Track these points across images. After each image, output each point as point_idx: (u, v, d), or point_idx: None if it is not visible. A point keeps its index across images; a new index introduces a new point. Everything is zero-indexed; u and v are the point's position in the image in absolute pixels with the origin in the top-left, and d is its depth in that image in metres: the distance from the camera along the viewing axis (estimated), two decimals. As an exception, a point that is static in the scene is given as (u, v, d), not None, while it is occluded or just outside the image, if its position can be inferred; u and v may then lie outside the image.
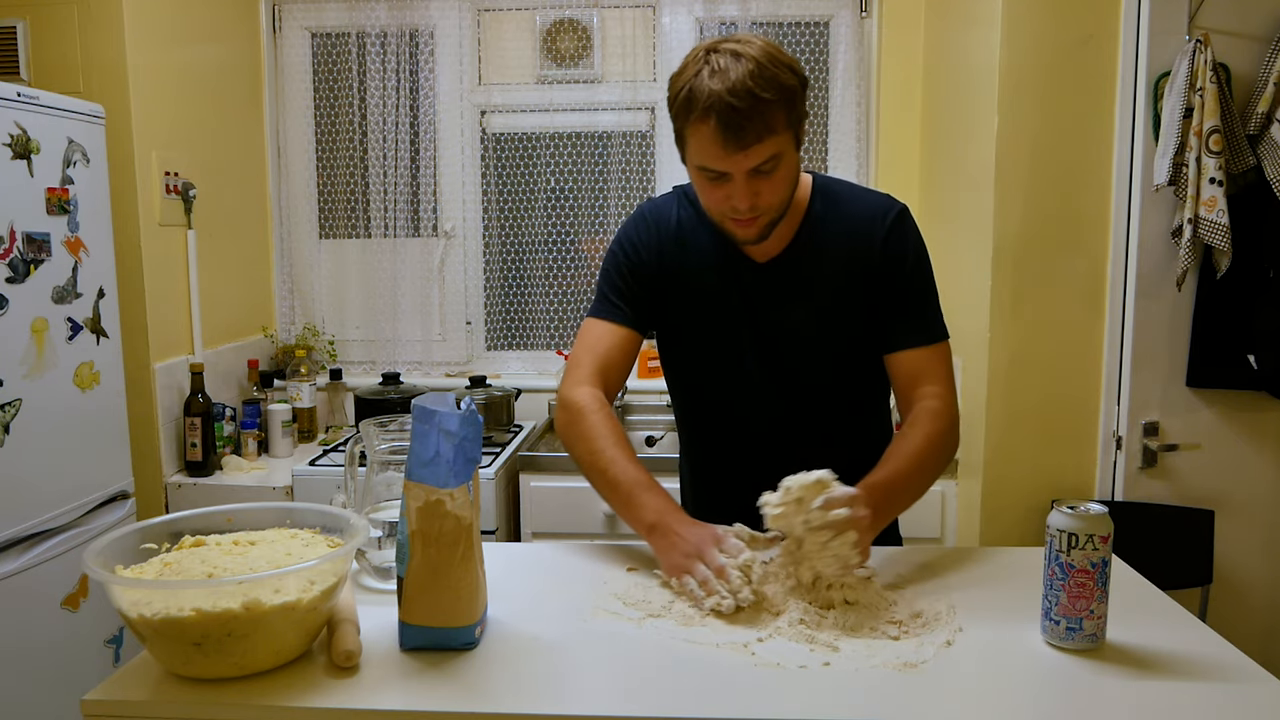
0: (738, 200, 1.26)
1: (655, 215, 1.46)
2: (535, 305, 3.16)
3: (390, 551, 1.21)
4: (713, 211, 1.33)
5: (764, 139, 1.22)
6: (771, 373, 1.43)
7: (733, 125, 1.20)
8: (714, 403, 1.49)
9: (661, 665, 1.02)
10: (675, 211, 1.46)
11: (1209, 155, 2.03)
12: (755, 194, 1.26)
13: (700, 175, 1.29)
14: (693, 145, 1.27)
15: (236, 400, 2.84)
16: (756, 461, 1.40)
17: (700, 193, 1.34)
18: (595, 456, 1.33)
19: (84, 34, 2.38)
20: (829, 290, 1.39)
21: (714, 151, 1.23)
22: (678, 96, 1.25)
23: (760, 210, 1.28)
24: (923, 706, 0.94)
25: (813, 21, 2.99)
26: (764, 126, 1.21)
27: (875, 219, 1.39)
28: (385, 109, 3.02)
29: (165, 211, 2.53)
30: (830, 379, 1.44)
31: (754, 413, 1.45)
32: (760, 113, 1.20)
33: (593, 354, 1.43)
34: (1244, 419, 2.23)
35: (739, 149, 1.22)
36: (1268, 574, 2.29)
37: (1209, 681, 0.99)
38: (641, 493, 1.28)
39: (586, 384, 1.40)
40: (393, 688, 0.97)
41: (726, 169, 1.25)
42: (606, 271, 1.47)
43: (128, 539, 1.07)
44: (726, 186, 1.27)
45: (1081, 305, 2.27)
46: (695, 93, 1.22)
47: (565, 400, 1.41)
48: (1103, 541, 1.03)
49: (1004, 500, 2.34)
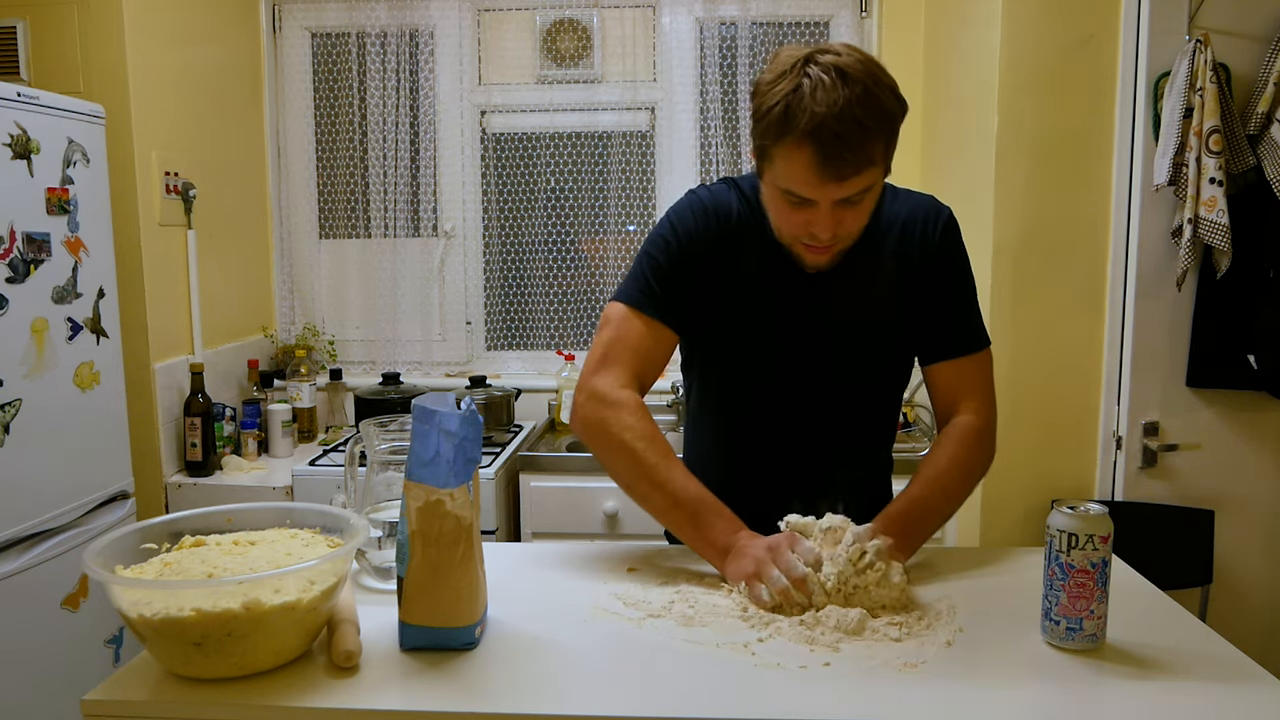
0: (819, 229, 1.20)
1: (716, 208, 1.34)
2: (535, 305, 3.16)
3: (390, 551, 1.21)
4: (785, 234, 1.26)
5: (862, 171, 1.15)
6: (810, 379, 1.37)
7: (833, 155, 1.12)
8: (747, 406, 1.40)
9: (661, 665, 1.02)
10: (734, 206, 1.34)
11: (1209, 155, 2.03)
12: (838, 223, 1.20)
13: (781, 198, 1.21)
14: (780, 166, 1.18)
15: (236, 400, 2.84)
16: (783, 463, 1.40)
17: (775, 213, 1.26)
18: (651, 470, 1.24)
19: (84, 34, 2.38)
20: (877, 299, 1.34)
21: (807, 179, 1.16)
22: (772, 109, 1.15)
23: (840, 239, 1.23)
24: (923, 706, 0.94)
25: (813, 21, 2.99)
26: (864, 158, 1.14)
27: (927, 222, 1.34)
28: (385, 109, 3.02)
29: (165, 211, 2.53)
30: (869, 385, 1.40)
31: (789, 418, 1.38)
32: (863, 144, 1.13)
33: (632, 353, 1.31)
34: (1244, 419, 2.23)
35: (835, 180, 1.14)
36: (1268, 574, 2.29)
37: (1209, 681, 0.99)
38: (712, 515, 1.23)
39: (627, 386, 1.29)
40: (393, 688, 0.97)
41: (815, 198, 1.18)
42: (655, 259, 1.33)
43: (128, 539, 1.07)
44: (809, 213, 1.20)
45: (1081, 305, 2.27)
46: (793, 111, 1.12)
47: (606, 397, 1.28)
48: (1103, 541, 1.03)
49: (1004, 500, 2.34)
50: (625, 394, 1.29)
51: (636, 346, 1.31)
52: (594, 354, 1.33)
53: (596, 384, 1.30)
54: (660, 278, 1.32)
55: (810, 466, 1.38)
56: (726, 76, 2.98)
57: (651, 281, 1.32)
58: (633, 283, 1.34)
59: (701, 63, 2.99)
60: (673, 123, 3.02)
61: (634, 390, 1.30)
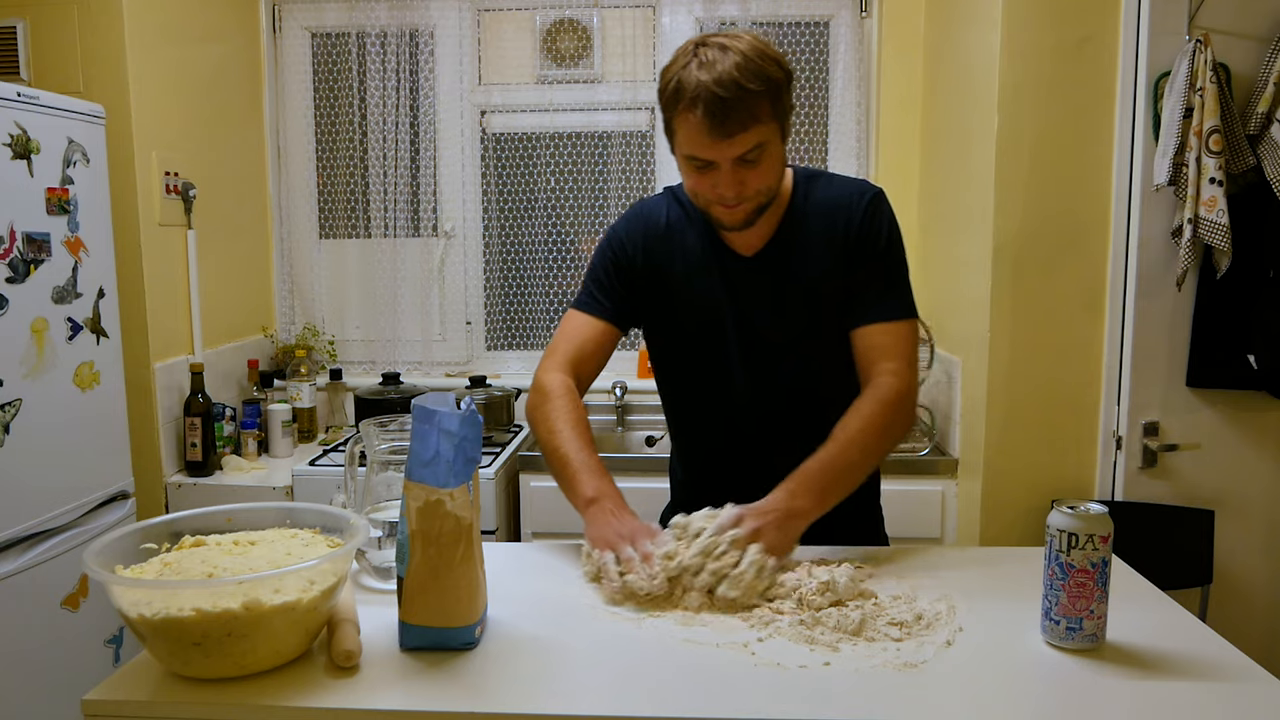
0: (724, 188, 1.30)
1: (645, 214, 1.51)
2: (535, 305, 3.16)
3: (390, 551, 1.21)
4: (699, 199, 1.36)
5: (749, 128, 1.26)
6: (758, 366, 1.45)
7: (718, 115, 1.24)
8: (701, 398, 1.52)
9: (661, 665, 1.02)
10: (665, 211, 1.50)
11: (1209, 155, 2.03)
12: (741, 182, 1.30)
13: (687, 164, 1.33)
14: (680, 134, 1.30)
15: (236, 400, 2.84)
16: (744, 455, 1.48)
17: (687, 181, 1.37)
18: (551, 436, 1.38)
19: (84, 34, 2.38)
20: (813, 279, 1.42)
21: (700, 140, 1.27)
22: (667, 87, 1.29)
23: (745, 197, 1.32)
24: (923, 706, 0.94)
25: (813, 21, 2.99)
26: (749, 115, 1.25)
27: (851, 203, 1.42)
28: (385, 109, 3.02)
29: (165, 211, 2.53)
30: (818, 369, 1.45)
31: (742, 407, 1.47)
32: (745, 103, 1.24)
33: (569, 343, 1.48)
34: (1244, 419, 2.23)
35: (724, 137, 1.25)
36: (1268, 574, 2.29)
37: (1209, 681, 0.99)
38: (587, 474, 1.32)
39: (558, 370, 1.45)
40: (393, 688, 0.97)
41: (712, 157, 1.28)
42: (593, 266, 1.52)
43: (128, 539, 1.07)
44: (713, 175, 1.30)
45: (1081, 305, 2.27)
46: (683, 83, 1.26)
47: (536, 383, 1.46)
48: (1103, 541, 1.03)
49: (1004, 500, 2.34)
50: (552, 376, 1.44)
51: (572, 337, 1.48)
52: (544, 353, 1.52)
53: (535, 376, 1.48)
54: (596, 281, 1.51)
55: (767, 456, 1.41)
56: (726, 76, 2.97)
57: (590, 285, 1.51)
58: (580, 292, 1.54)
59: (701, 63, 2.98)
60: (673, 123, 3.02)
61: (566, 374, 1.45)
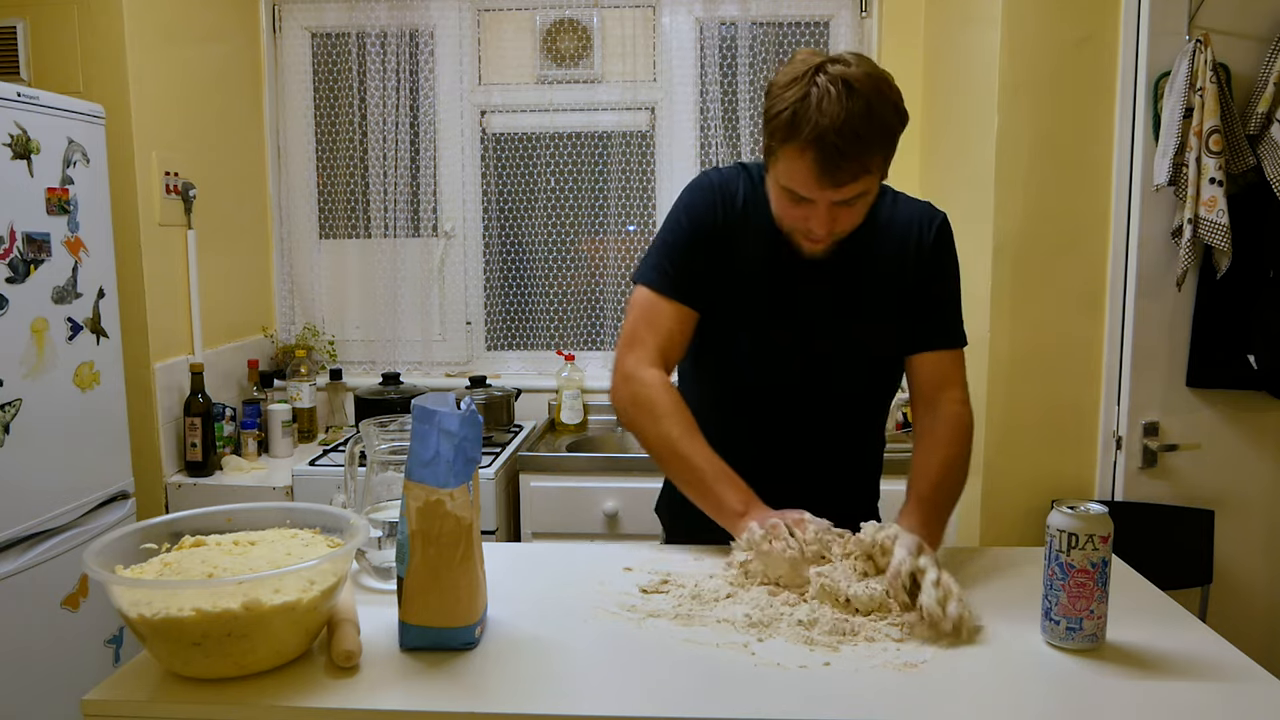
0: (815, 225, 1.28)
1: (724, 189, 1.42)
2: (535, 305, 3.16)
3: (390, 551, 1.21)
4: (784, 224, 1.33)
5: (859, 179, 1.23)
6: (805, 368, 1.42)
7: (831, 164, 1.20)
8: (744, 388, 1.45)
9: (661, 665, 1.02)
10: (740, 190, 1.41)
11: (1209, 155, 2.03)
12: (834, 220, 1.27)
13: (783, 193, 1.29)
14: (783, 166, 1.26)
15: (236, 400, 2.84)
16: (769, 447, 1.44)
17: (776, 205, 1.33)
18: (670, 441, 1.33)
19: (84, 34, 2.38)
20: (872, 289, 1.40)
21: (806, 182, 1.23)
22: (780, 114, 1.22)
23: (835, 235, 1.31)
24: (923, 706, 0.94)
25: (813, 21, 2.99)
26: (860, 168, 1.22)
27: (922, 225, 1.41)
28: (385, 109, 3.02)
29: (165, 211, 2.53)
30: (862, 375, 1.45)
31: (778, 402, 1.43)
32: (860, 155, 1.20)
33: (658, 335, 1.39)
34: (1244, 419, 2.23)
35: (833, 186, 1.22)
36: (1268, 574, 2.29)
37: (1209, 681, 0.99)
38: (727, 484, 1.30)
39: (653, 365, 1.38)
40: (393, 688, 0.97)
41: (814, 198, 1.25)
42: (669, 243, 1.42)
43: (128, 539, 1.07)
44: (806, 209, 1.27)
45: (1081, 305, 2.27)
46: (799, 119, 1.19)
47: (630, 376, 1.38)
48: (1103, 541, 1.03)
49: (1004, 500, 2.34)
50: (651, 373, 1.37)
51: (659, 326, 1.40)
52: (623, 337, 1.43)
53: (626, 365, 1.40)
54: (674, 259, 1.41)
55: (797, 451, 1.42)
56: (726, 77, 2.97)
57: (666, 263, 1.41)
58: (652, 265, 1.42)
59: (701, 63, 2.99)
60: (673, 123, 3.02)
61: (659, 368, 1.38)
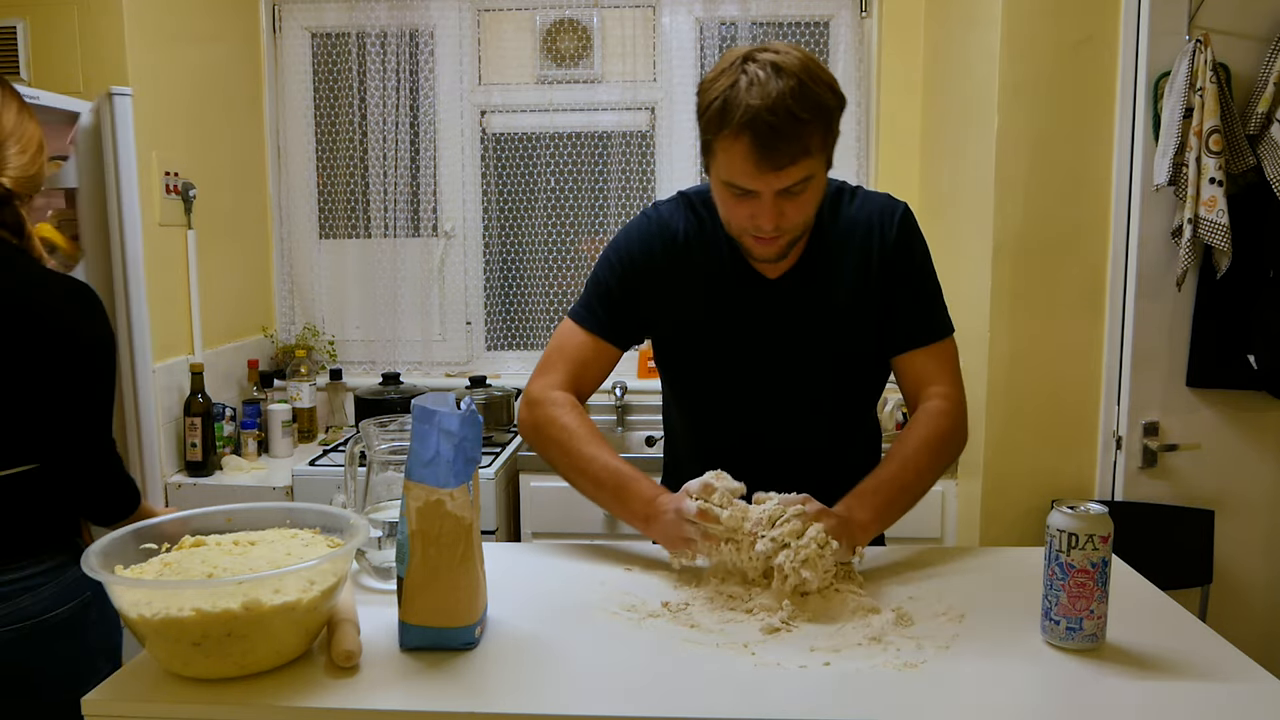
0: (762, 220, 1.22)
1: (660, 224, 1.40)
2: (535, 305, 3.16)
3: (390, 551, 1.21)
4: (733, 227, 1.29)
5: (798, 161, 1.18)
6: (780, 386, 1.39)
7: (768, 144, 1.15)
8: (717, 415, 1.43)
9: (661, 665, 1.02)
10: (681, 222, 1.39)
11: (1209, 155, 2.03)
12: (781, 214, 1.22)
13: (725, 190, 1.25)
14: (721, 159, 1.22)
15: (236, 400, 2.84)
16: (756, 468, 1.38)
17: (722, 206, 1.29)
18: (572, 458, 1.33)
19: (84, 34, 2.38)
20: (842, 301, 1.36)
21: (745, 169, 1.19)
22: (710, 105, 1.19)
23: (784, 230, 1.25)
24: (923, 706, 0.94)
25: (813, 21, 2.99)
26: (800, 148, 1.17)
27: (883, 221, 1.36)
28: (385, 109, 3.02)
29: (165, 211, 2.53)
30: (839, 387, 1.41)
31: (759, 425, 1.41)
32: (798, 134, 1.16)
33: (568, 362, 1.40)
34: (1244, 419, 2.24)
35: (772, 169, 1.17)
36: (1268, 574, 2.29)
37: (1209, 681, 0.99)
38: (629, 487, 1.29)
39: (559, 387, 1.38)
40: (393, 688, 0.97)
41: (756, 188, 1.20)
42: (599, 278, 1.42)
43: (128, 539, 1.07)
44: (752, 204, 1.23)
45: (1081, 305, 2.27)
46: (730, 105, 1.16)
47: (534, 398, 1.38)
48: (1103, 541, 1.03)
49: (1004, 500, 2.34)
50: (555, 394, 1.38)
51: (573, 355, 1.40)
52: (537, 366, 1.43)
53: (532, 390, 1.40)
54: (602, 295, 1.41)
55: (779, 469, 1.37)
56: (726, 76, 2.97)
57: (594, 298, 1.41)
58: (582, 301, 1.43)
59: (701, 63, 2.99)
60: (673, 123, 3.02)
61: (568, 391, 1.38)
